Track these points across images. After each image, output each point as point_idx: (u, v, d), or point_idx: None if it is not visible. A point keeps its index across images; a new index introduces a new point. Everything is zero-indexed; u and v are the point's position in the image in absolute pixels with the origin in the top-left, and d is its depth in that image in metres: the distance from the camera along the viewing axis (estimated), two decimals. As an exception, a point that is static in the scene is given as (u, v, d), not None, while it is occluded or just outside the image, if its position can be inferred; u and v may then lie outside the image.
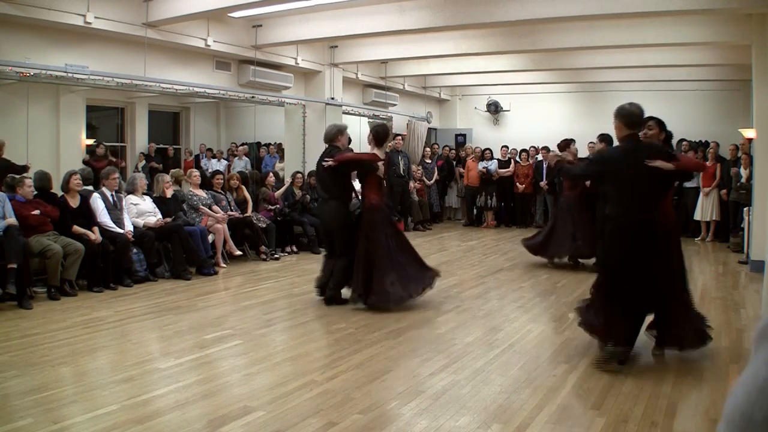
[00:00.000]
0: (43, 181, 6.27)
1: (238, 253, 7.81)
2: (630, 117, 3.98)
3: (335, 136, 5.80)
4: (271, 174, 9.19)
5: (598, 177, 4.57)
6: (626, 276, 3.96)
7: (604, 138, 7.30)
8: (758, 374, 0.55)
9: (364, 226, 5.59)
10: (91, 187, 7.07)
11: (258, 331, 4.86)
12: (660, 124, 4.40)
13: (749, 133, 8.87)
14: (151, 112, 11.13)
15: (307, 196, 9.26)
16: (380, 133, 5.77)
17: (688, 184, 10.73)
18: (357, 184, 6.28)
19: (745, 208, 8.62)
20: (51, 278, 5.76)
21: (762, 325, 0.57)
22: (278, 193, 8.90)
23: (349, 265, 5.60)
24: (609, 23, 8.42)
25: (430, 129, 14.61)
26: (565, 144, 8.20)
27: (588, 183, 7.02)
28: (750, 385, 0.55)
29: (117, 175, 6.93)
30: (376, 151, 5.76)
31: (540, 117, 14.13)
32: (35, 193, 6.12)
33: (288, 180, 9.23)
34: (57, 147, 8.30)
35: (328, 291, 5.69)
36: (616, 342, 3.93)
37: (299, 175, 9.32)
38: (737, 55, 9.47)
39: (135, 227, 6.76)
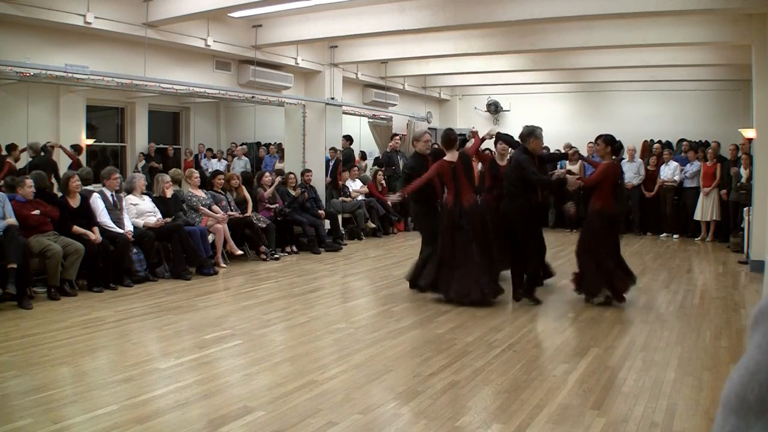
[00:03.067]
0: (39, 181, 6.27)
1: (240, 252, 7.81)
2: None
3: (412, 143, 6.68)
4: (267, 174, 9.14)
5: None
6: None
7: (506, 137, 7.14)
8: (750, 358, 0.58)
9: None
10: (91, 187, 7.07)
11: (258, 331, 4.87)
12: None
13: (749, 133, 8.87)
14: (151, 112, 11.11)
15: (305, 194, 9.24)
16: (444, 138, 6.00)
17: (688, 184, 10.78)
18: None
19: (745, 208, 8.62)
20: (51, 278, 5.76)
21: (756, 311, 0.60)
22: (266, 193, 8.78)
23: (428, 256, 6.13)
24: (609, 23, 8.41)
25: (430, 129, 14.58)
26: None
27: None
28: (743, 369, 0.59)
29: (118, 174, 6.93)
30: (448, 155, 5.93)
31: (540, 117, 13.96)
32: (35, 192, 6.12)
33: (278, 179, 9.03)
34: (57, 147, 8.29)
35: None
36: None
37: (292, 176, 9.30)
38: (737, 55, 9.46)
39: (135, 227, 6.76)
